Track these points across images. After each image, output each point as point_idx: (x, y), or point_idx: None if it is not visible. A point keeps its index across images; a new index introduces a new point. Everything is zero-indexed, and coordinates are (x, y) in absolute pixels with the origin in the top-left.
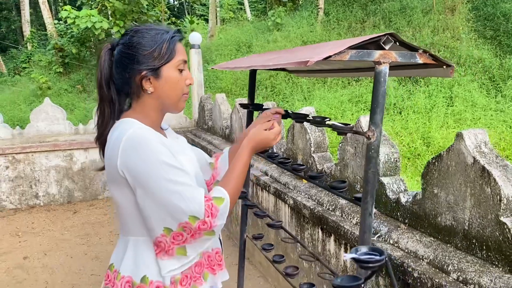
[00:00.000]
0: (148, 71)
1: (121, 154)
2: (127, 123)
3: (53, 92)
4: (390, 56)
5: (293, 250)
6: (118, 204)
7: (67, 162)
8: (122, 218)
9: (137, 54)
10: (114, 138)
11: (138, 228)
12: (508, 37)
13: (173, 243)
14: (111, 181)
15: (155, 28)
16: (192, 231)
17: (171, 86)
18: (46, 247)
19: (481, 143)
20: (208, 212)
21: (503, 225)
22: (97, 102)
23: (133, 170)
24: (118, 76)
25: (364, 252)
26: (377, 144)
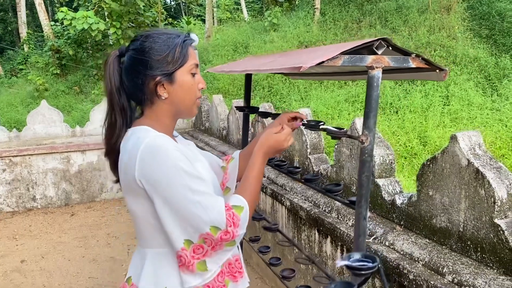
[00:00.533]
0: (162, 76)
1: (139, 164)
2: (141, 131)
3: (50, 94)
4: (383, 61)
5: (290, 252)
6: (136, 216)
7: (64, 165)
8: (139, 230)
9: (150, 59)
10: (130, 148)
11: (157, 240)
12: (504, 36)
13: (193, 257)
14: (128, 192)
15: (165, 32)
16: (214, 242)
17: (185, 90)
18: (44, 250)
19: (475, 145)
20: (230, 222)
21: (497, 227)
22: (107, 112)
23: (152, 180)
24: (130, 83)
25: (357, 259)
26: (370, 148)
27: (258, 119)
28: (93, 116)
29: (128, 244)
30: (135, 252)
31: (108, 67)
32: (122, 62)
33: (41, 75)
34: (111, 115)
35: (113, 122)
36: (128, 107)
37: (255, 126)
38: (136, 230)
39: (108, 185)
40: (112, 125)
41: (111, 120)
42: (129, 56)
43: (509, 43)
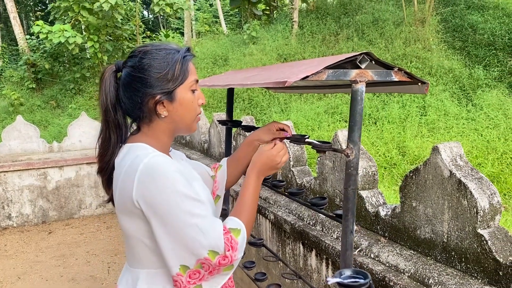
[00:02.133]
0: (162, 95)
1: (137, 184)
2: (139, 149)
3: (26, 109)
4: (366, 75)
5: (275, 266)
6: (129, 236)
7: (41, 181)
8: (133, 250)
9: (149, 77)
10: (127, 166)
11: (152, 261)
12: (476, 47)
13: (189, 282)
14: (123, 212)
15: (164, 47)
16: (211, 267)
17: (185, 108)
18: (20, 270)
19: (456, 156)
20: (228, 246)
21: (481, 237)
22: (101, 128)
23: (150, 202)
24: (128, 100)
25: (348, 276)
26: (356, 162)
27: (240, 132)
28: (71, 131)
29: (108, 262)
30: (125, 270)
31: (104, 82)
32: (119, 77)
33: (16, 90)
34: (106, 131)
35: (107, 139)
36: (124, 124)
37: (237, 140)
38: (127, 249)
39: (87, 201)
40: (106, 141)
41: (105, 137)
42: (127, 73)
43: (481, 54)
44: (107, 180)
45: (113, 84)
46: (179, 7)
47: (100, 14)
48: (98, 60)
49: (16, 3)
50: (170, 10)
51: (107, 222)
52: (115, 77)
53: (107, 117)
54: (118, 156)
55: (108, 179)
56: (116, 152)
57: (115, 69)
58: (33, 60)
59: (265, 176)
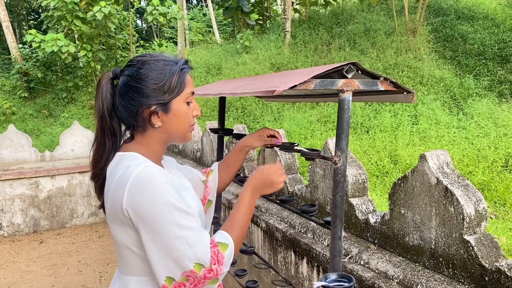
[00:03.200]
0: (158, 106)
1: (128, 194)
2: (131, 159)
3: (18, 118)
4: (353, 84)
5: (267, 274)
6: (119, 244)
7: (32, 190)
8: (122, 258)
9: (146, 87)
10: (119, 175)
11: (142, 269)
12: (466, 57)
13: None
14: (113, 220)
15: (162, 59)
16: (196, 280)
17: (179, 119)
18: (10, 280)
19: (443, 164)
20: (214, 259)
21: (467, 243)
22: (96, 134)
23: (140, 212)
24: (123, 109)
25: (333, 279)
26: (343, 169)
27: (232, 140)
28: (63, 140)
29: (100, 271)
30: (116, 277)
31: (100, 89)
32: (115, 85)
33: (8, 99)
34: (101, 138)
35: (102, 145)
36: (119, 131)
37: (229, 148)
38: (118, 256)
39: (79, 210)
40: (101, 148)
41: (100, 143)
42: (123, 81)
43: (472, 64)
44: (100, 186)
45: (110, 91)
46: (172, 16)
47: (93, 23)
48: (91, 69)
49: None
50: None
51: (99, 231)
52: (112, 84)
53: (102, 123)
54: (110, 165)
55: (101, 185)
56: (110, 158)
57: (112, 76)
58: (25, 69)
59: (261, 194)
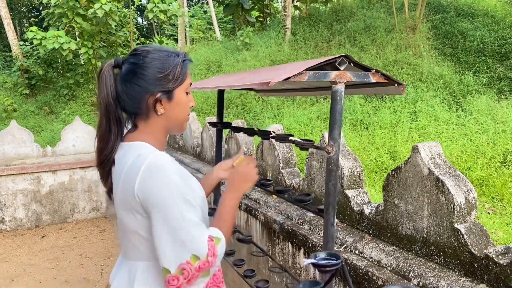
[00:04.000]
0: (162, 93)
1: (140, 180)
2: (142, 148)
3: (19, 114)
4: (345, 76)
5: (265, 265)
6: (128, 229)
7: (34, 185)
8: (130, 243)
9: (151, 75)
10: (130, 163)
11: (150, 253)
12: (466, 54)
13: (168, 283)
14: (123, 205)
15: (165, 50)
16: (190, 273)
17: (180, 108)
18: (13, 273)
19: (435, 155)
20: (211, 252)
21: (457, 232)
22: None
23: (150, 199)
24: (127, 96)
25: (322, 258)
26: (336, 158)
27: (231, 135)
28: (64, 136)
29: (101, 264)
30: (120, 264)
31: (104, 77)
32: (117, 73)
33: (9, 96)
34: (106, 124)
35: (108, 132)
36: (122, 119)
37: (228, 143)
38: (125, 242)
39: (80, 205)
40: (107, 134)
41: (106, 129)
42: (128, 69)
43: (471, 61)
44: (107, 172)
45: (113, 78)
46: (173, 13)
47: (94, 21)
48: (92, 66)
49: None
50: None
51: (100, 226)
52: (113, 72)
53: (108, 110)
54: (118, 153)
55: (108, 171)
56: (117, 145)
57: (114, 64)
58: (26, 66)
59: (242, 191)
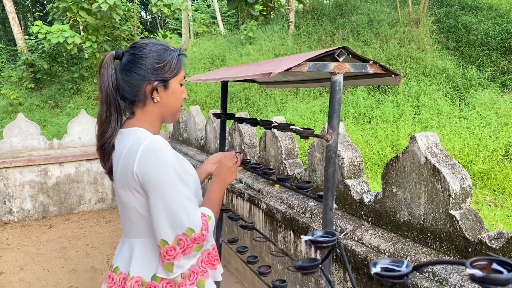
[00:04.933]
0: (159, 82)
1: (138, 160)
2: (140, 133)
3: (25, 108)
4: (343, 67)
5: (267, 254)
6: (128, 207)
7: (41, 177)
8: (130, 221)
9: (149, 65)
10: (129, 145)
11: (148, 230)
12: (469, 48)
13: (164, 257)
14: (123, 185)
15: (163, 44)
16: (186, 244)
17: (175, 97)
18: (22, 262)
19: (432, 145)
20: (205, 226)
21: (452, 218)
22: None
23: (148, 176)
24: (126, 84)
25: (319, 235)
26: (335, 146)
27: (235, 127)
28: (70, 129)
29: (107, 254)
30: (121, 244)
31: (105, 66)
32: (117, 64)
33: (15, 90)
34: (107, 110)
35: (108, 117)
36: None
37: (232, 135)
38: (125, 221)
39: (86, 197)
40: (107, 120)
41: (107, 115)
42: (129, 59)
43: (475, 54)
44: (108, 155)
45: (113, 68)
46: (177, 7)
47: (98, 15)
48: (96, 60)
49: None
50: (168, 11)
51: (106, 217)
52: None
53: (109, 97)
54: (117, 139)
55: (108, 155)
56: (117, 130)
57: (115, 55)
58: (31, 60)
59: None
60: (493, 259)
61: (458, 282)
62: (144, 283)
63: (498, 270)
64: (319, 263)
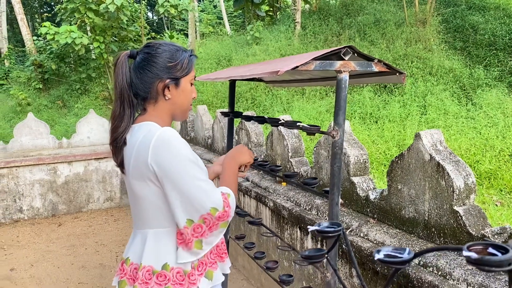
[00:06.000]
0: (171, 80)
1: (152, 150)
2: (150, 126)
3: (33, 108)
4: (349, 66)
5: (274, 250)
6: (142, 198)
7: (51, 176)
8: (143, 212)
9: (162, 63)
10: (141, 138)
11: (160, 221)
12: (477, 48)
13: (193, 235)
14: (137, 178)
15: (175, 45)
16: (212, 222)
17: (185, 95)
18: (33, 258)
19: (436, 142)
20: (226, 203)
21: (456, 213)
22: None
23: (164, 165)
24: (139, 81)
25: (325, 226)
26: (340, 142)
27: (242, 126)
28: (79, 128)
29: (116, 251)
30: (133, 236)
31: (120, 64)
32: (131, 62)
33: (23, 90)
34: (121, 106)
35: (122, 113)
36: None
37: (239, 134)
38: (137, 213)
39: (95, 195)
40: (121, 115)
41: (120, 111)
42: (142, 58)
43: (482, 54)
44: (119, 149)
45: (127, 67)
46: (183, 8)
47: (106, 16)
48: (104, 61)
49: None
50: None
51: (115, 215)
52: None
53: (122, 93)
54: (129, 133)
55: (119, 149)
56: (129, 125)
57: (129, 55)
58: (40, 61)
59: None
60: (489, 244)
61: (461, 276)
62: (155, 272)
63: (493, 254)
64: (325, 253)
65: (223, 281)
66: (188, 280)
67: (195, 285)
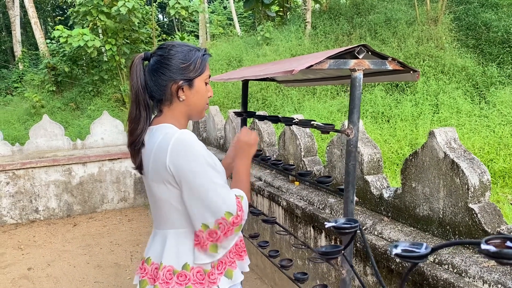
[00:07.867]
0: (184, 81)
1: (170, 154)
2: (168, 128)
3: (47, 111)
4: (363, 64)
5: (287, 249)
6: (161, 200)
7: (66, 177)
8: (163, 213)
9: (175, 65)
10: (159, 140)
11: (180, 221)
12: (490, 45)
13: (208, 239)
14: (156, 179)
15: (188, 45)
16: (226, 227)
17: (200, 95)
18: (49, 258)
19: (451, 140)
20: (240, 207)
21: (471, 211)
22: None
23: (181, 168)
24: (154, 83)
25: (342, 222)
26: (355, 140)
27: (253, 126)
28: (93, 129)
29: (130, 250)
30: (153, 236)
31: (135, 67)
32: (146, 65)
33: (37, 92)
34: (137, 109)
35: (138, 115)
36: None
37: None
38: (157, 213)
39: (109, 196)
40: (137, 118)
41: (136, 113)
42: (156, 60)
43: (495, 52)
44: (137, 152)
45: (142, 69)
46: (194, 10)
47: (117, 18)
48: (116, 63)
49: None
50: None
51: (129, 215)
52: (143, 64)
53: (138, 96)
54: (146, 136)
55: (138, 151)
56: (146, 127)
57: (144, 57)
58: (53, 63)
59: (249, 155)
60: (507, 238)
61: (477, 273)
62: (175, 272)
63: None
64: (342, 249)
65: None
66: (208, 279)
67: (215, 284)
